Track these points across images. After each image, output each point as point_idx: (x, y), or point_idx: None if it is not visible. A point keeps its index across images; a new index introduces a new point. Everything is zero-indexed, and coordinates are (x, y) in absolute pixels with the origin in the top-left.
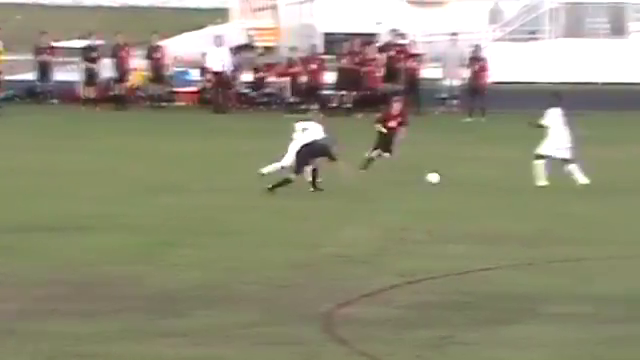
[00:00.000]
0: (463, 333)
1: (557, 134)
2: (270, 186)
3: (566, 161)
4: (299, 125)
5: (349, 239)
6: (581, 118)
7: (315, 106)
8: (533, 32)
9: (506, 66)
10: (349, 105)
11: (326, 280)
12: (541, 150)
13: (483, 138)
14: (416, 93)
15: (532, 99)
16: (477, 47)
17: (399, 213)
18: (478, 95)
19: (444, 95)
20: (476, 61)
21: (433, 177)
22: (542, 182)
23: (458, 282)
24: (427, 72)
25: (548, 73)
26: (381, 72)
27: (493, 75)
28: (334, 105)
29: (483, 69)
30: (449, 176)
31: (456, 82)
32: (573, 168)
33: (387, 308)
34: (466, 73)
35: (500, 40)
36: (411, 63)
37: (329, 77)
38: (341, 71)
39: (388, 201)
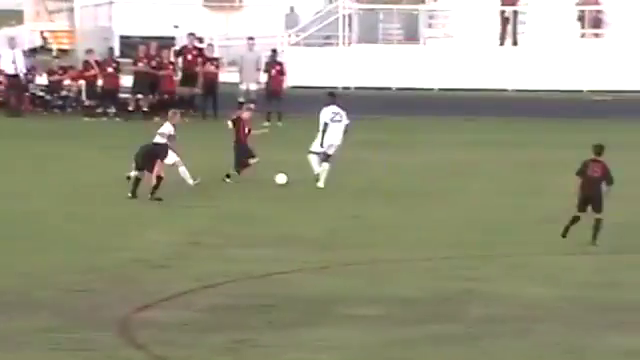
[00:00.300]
0: (260, 336)
1: (328, 131)
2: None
3: (327, 157)
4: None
5: (148, 243)
6: (376, 122)
7: (112, 109)
8: (328, 37)
9: (303, 71)
10: (146, 109)
11: (124, 285)
12: (313, 147)
13: (280, 142)
14: (214, 97)
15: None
16: (274, 52)
17: (199, 217)
18: (275, 99)
19: (241, 99)
20: (273, 65)
21: (281, 178)
22: (317, 170)
23: (256, 285)
24: (225, 76)
25: (344, 78)
26: (178, 76)
27: (290, 79)
28: (131, 109)
29: (280, 73)
30: (245, 180)
31: (253, 86)
32: (325, 166)
33: (185, 312)
34: (263, 77)
35: (296, 45)
36: (209, 67)
37: (126, 80)
38: (138, 75)
39: (188, 205)
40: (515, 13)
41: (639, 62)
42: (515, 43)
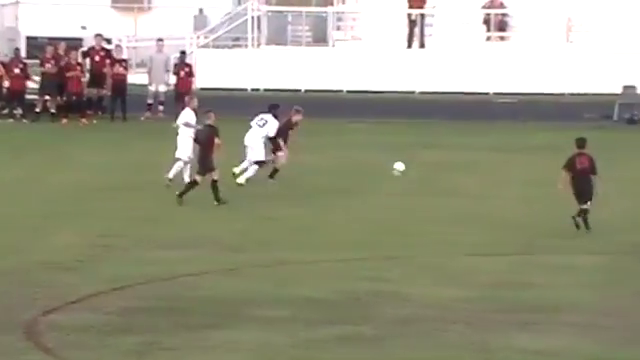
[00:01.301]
0: (169, 338)
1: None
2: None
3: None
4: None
5: (57, 245)
6: None
7: (19, 111)
8: (237, 39)
9: (212, 72)
10: (53, 110)
11: (31, 287)
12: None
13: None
14: (123, 99)
15: (237, 105)
16: (183, 53)
17: (108, 219)
18: (184, 101)
19: (150, 101)
20: (182, 67)
21: (399, 166)
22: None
23: (165, 288)
24: (133, 78)
25: (253, 80)
26: (86, 77)
27: (199, 81)
28: (38, 110)
29: (189, 75)
30: (153, 181)
31: (162, 88)
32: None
33: (93, 315)
34: (172, 79)
35: (205, 47)
36: (117, 69)
37: (34, 82)
38: (45, 76)
39: (96, 207)
40: (422, 16)
41: (543, 65)
42: (422, 46)
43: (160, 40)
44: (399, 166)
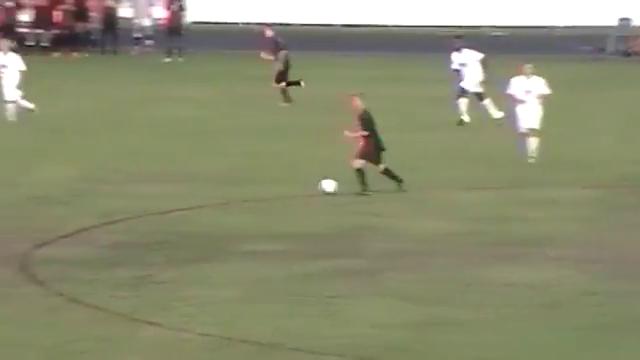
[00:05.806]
0: (160, 272)
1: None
2: None
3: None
4: None
5: (47, 179)
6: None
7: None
8: None
9: (203, 6)
10: (45, 44)
11: (23, 221)
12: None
13: (181, 78)
14: (114, 33)
15: (229, 40)
16: None
17: (97, 153)
18: (176, 35)
19: (138, 35)
20: (173, 1)
21: (329, 185)
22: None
23: (156, 222)
24: (122, 11)
25: (246, 13)
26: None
27: (191, 15)
28: (31, 44)
29: (181, 9)
30: (147, 117)
31: (147, 22)
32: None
33: (85, 248)
34: (161, 13)
35: None
36: (108, 2)
37: (26, 15)
38: (36, 9)
39: (85, 141)
40: None
41: None
42: None
43: None
44: (328, 186)
